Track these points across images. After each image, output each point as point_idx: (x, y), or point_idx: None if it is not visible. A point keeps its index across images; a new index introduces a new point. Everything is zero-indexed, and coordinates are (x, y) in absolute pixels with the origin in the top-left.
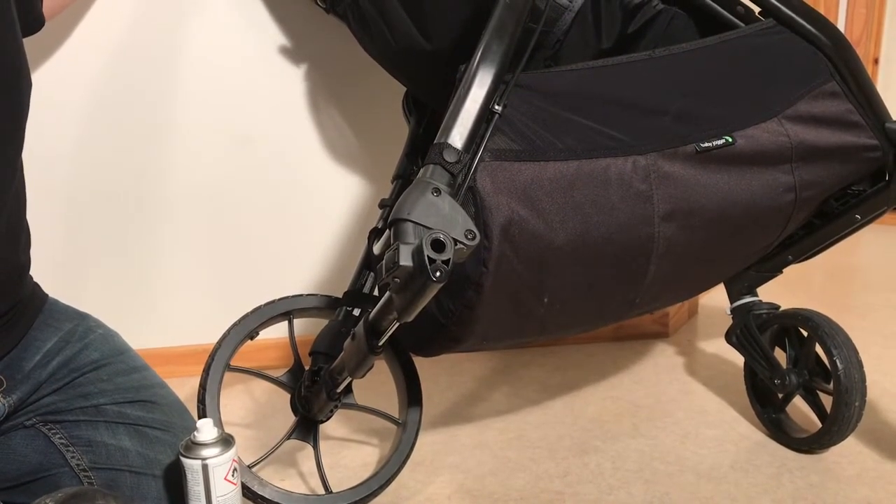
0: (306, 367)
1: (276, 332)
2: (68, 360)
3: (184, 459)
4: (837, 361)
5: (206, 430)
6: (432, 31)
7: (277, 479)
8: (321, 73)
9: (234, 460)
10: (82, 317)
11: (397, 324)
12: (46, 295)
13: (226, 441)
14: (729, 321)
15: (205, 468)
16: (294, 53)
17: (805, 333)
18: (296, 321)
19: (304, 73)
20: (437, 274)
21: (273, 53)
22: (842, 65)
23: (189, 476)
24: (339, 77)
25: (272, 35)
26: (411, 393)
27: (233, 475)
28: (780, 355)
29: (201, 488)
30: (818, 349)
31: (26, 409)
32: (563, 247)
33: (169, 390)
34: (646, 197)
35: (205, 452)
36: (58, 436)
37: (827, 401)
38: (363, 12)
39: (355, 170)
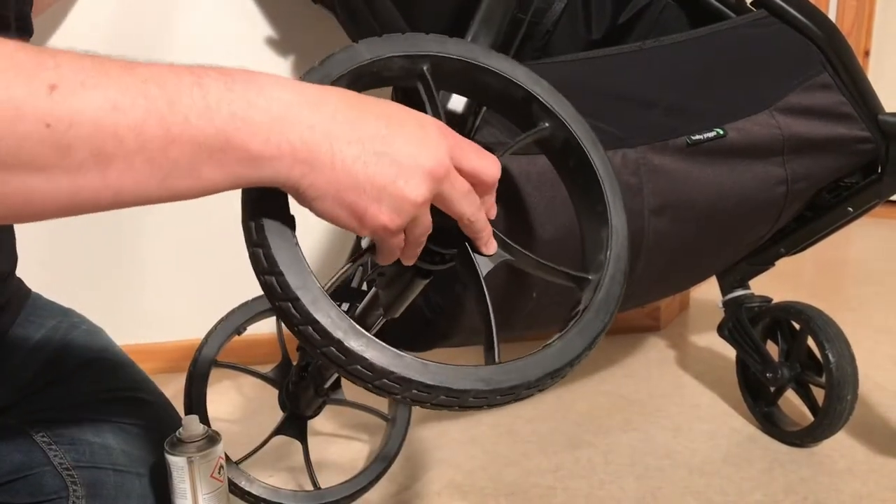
0: (294, 363)
1: (264, 328)
2: (52, 357)
3: (169, 456)
4: (830, 354)
5: (191, 426)
6: (420, 21)
7: (265, 475)
8: (309, 65)
9: (220, 457)
10: (65, 313)
11: (384, 320)
12: (30, 290)
13: (211, 438)
14: (721, 315)
15: (190, 465)
16: (281, 45)
17: (797, 326)
18: None
19: (292, 65)
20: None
21: (260, 44)
22: (834, 56)
23: (174, 473)
24: None
25: (259, 25)
26: None
27: (219, 472)
28: (772, 349)
29: (187, 485)
30: (810, 342)
31: (9, 407)
32: (552, 241)
33: (154, 387)
34: (636, 190)
35: (190, 449)
36: (40, 434)
37: (819, 394)
38: (350, 2)
39: None
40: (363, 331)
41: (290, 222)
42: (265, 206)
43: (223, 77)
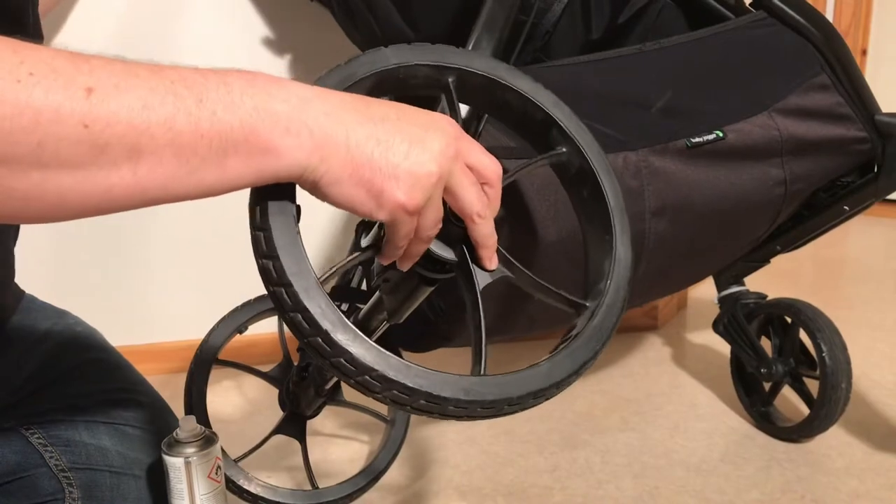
0: (295, 363)
1: (266, 328)
2: (47, 359)
3: (166, 457)
4: (821, 344)
5: (188, 427)
6: (420, 21)
7: (264, 474)
8: (306, 64)
9: (217, 457)
10: (60, 314)
11: (387, 324)
12: (23, 291)
13: (209, 438)
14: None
15: (188, 466)
16: (278, 44)
17: (789, 321)
18: None
19: (289, 64)
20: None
21: (256, 44)
22: (832, 57)
23: (171, 474)
24: (325, 68)
25: (256, 25)
26: None
27: (216, 473)
28: (768, 347)
29: (184, 486)
30: (802, 337)
31: (4, 408)
32: (554, 244)
33: (150, 388)
34: (637, 193)
35: (187, 450)
36: (36, 435)
37: (814, 389)
38: (348, 1)
39: None
40: (350, 323)
41: (295, 211)
42: (272, 195)
43: (245, 76)
